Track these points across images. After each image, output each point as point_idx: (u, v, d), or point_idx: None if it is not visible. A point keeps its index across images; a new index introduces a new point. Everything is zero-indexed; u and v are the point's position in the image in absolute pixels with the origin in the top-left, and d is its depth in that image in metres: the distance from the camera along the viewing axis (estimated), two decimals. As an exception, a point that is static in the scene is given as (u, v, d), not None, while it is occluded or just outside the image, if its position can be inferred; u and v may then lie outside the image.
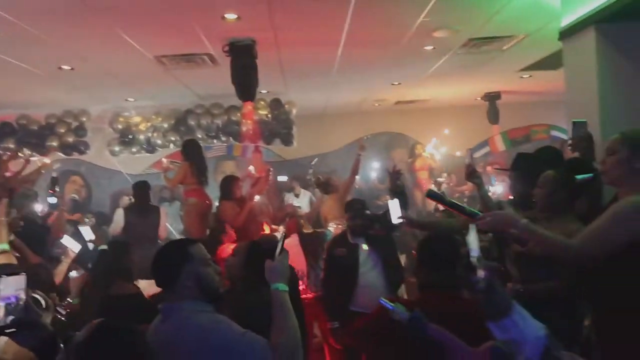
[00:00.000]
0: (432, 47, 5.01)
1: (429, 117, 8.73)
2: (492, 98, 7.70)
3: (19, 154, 6.11)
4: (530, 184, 2.61)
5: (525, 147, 8.62)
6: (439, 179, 6.90)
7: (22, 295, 1.40)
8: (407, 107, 8.67)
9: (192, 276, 1.74)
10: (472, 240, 1.22)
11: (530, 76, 6.68)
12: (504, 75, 6.64)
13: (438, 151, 8.26)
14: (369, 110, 8.75)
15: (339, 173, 8.04)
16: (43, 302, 2.13)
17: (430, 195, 2.12)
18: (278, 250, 1.75)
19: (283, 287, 1.71)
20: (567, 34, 3.60)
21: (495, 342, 0.93)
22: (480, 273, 1.18)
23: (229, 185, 5.06)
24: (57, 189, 4.59)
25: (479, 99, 7.92)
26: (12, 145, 6.54)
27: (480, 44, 4.99)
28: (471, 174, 2.91)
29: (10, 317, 1.38)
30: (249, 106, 5.39)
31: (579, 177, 2.49)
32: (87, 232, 4.31)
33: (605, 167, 1.99)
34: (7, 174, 4.80)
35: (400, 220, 3.13)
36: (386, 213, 3.51)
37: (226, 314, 1.80)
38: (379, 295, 3.57)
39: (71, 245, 3.67)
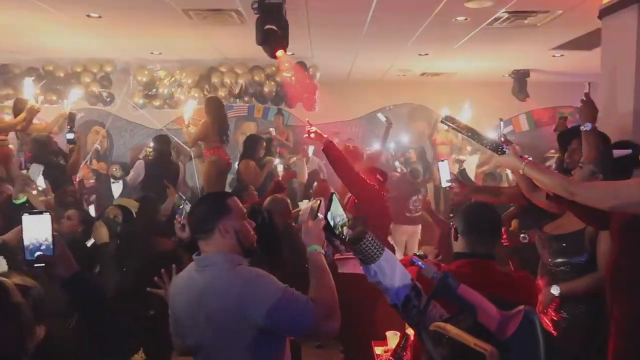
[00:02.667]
0: (464, 18, 4.88)
1: (454, 91, 8.57)
2: (520, 76, 7.52)
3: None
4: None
5: (550, 129, 8.48)
6: (461, 157, 6.83)
7: (48, 233, 1.44)
8: (432, 79, 8.52)
9: (230, 229, 1.77)
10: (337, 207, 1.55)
11: (562, 55, 6.49)
12: (535, 53, 6.46)
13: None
14: (393, 80, 8.62)
15: (358, 142, 8.02)
16: None
17: (446, 119, 2.11)
18: (313, 214, 1.79)
19: (318, 248, 1.75)
20: (607, 12, 3.48)
21: (527, 307, 0.96)
22: (348, 231, 1.49)
23: (253, 144, 5.10)
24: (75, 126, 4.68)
25: (507, 75, 7.74)
26: (38, 91, 6.61)
27: (514, 18, 4.85)
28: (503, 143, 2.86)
29: (38, 253, 1.43)
30: (281, 56, 5.01)
31: (616, 151, 2.43)
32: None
33: None
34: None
35: (449, 184, 2.98)
36: None
37: None
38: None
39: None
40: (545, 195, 2.36)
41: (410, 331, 2.95)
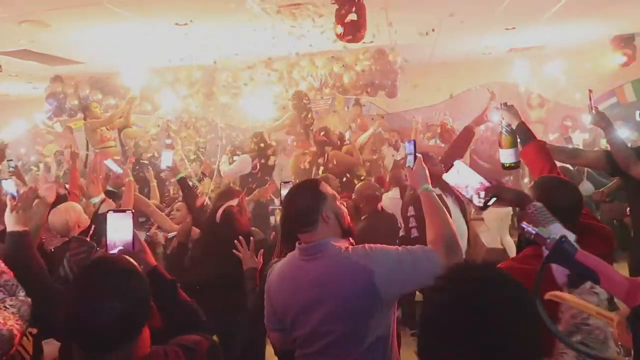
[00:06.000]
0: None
1: (545, 65, 7.99)
2: (624, 41, 6.81)
3: None
4: None
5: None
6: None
7: (130, 230, 1.55)
8: (520, 55, 8.00)
9: (331, 214, 1.77)
10: None
11: (675, 13, 5.80)
12: (641, 13, 5.83)
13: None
14: (478, 59, 8.22)
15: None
16: None
17: None
18: (412, 157, 1.84)
19: (428, 187, 1.78)
20: None
21: None
22: None
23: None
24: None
25: (608, 43, 7.06)
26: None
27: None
28: (595, 115, 2.67)
29: (121, 248, 1.55)
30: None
31: None
32: None
33: None
34: None
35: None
36: None
37: None
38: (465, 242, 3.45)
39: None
40: None
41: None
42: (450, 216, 1.76)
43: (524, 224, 1.17)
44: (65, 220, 2.86)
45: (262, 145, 5.38)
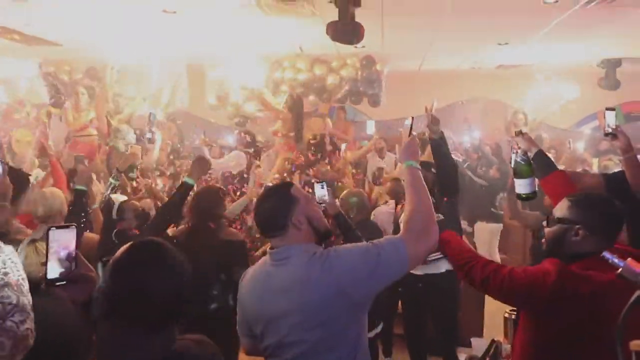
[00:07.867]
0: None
1: (532, 84, 8.06)
2: (611, 65, 6.90)
3: None
4: None
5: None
6: None
7: (72, 249, 1.37)
8: (508, 72, 8.05)
9: (303, 218, 1.68)
10: None
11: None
12: (632, 37, 5.87)
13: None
14: (466, 73, 8.22)
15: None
16: None
17: None
18: (408, 132, 1.85)
19: (414, 163, 1.76)
20: None
21: None
22: None
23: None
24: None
25: (595, 65, 7.13)
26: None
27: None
28: (612, 133, 2.52)
29: (61, 270, 1.35)
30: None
31: None
32: None
33: None
34: None
35: (612, 133, 2.49)
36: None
37: None
38: None
39: None
40: None
41: (501, 338, 2.67)
42: None
43: (608, 254, 0.99)
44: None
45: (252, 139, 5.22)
